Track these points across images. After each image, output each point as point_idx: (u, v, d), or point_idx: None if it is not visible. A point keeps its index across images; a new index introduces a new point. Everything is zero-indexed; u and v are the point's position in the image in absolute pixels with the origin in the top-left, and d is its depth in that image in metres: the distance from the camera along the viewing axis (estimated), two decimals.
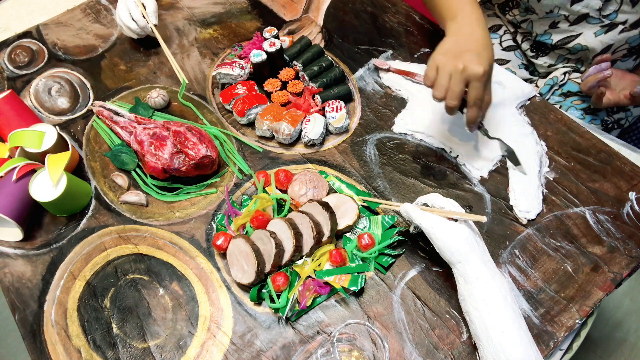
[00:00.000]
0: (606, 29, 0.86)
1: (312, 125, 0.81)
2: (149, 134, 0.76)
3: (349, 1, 1.04)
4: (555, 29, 0.91)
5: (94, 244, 0.73)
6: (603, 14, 0.82)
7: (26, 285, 0.70)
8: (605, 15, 0.83)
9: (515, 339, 0.55)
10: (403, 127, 0.84)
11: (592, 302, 0.66)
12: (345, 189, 0.76)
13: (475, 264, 0.59)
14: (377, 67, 0.92)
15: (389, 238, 0.70)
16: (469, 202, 0.76)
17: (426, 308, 0.66)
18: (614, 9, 0.81)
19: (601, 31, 0.86)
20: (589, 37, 0.88)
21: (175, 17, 1.03)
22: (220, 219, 0.74)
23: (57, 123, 0.87)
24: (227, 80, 0.88)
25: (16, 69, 0.95)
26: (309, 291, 0.66)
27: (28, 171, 0.73)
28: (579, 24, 0.87)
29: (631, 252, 0.70)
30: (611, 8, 0.82)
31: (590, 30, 0.87)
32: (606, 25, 0.85)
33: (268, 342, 0.64)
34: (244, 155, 0.82)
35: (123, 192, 0.78)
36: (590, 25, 0.86)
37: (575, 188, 0.77)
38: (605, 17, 0.83)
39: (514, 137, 0.82)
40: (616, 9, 0.81)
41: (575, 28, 0.88)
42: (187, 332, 0.65)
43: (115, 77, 0.93)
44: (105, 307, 0.68)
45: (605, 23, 0.84)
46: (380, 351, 0.62)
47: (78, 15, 1.04)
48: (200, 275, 0.70)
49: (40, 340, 0.65)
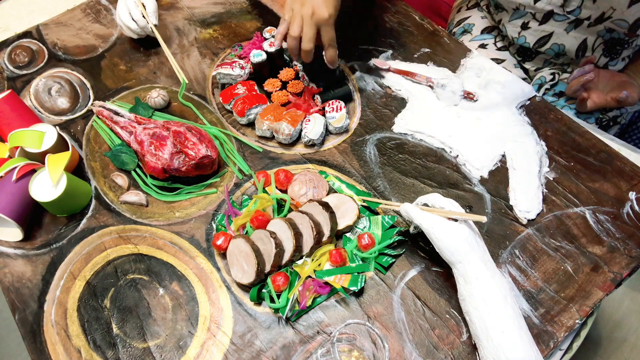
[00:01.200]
0: (574, 25, 0.87)
1: (312, 125, 0.81)
2: (149, 134, 0.76)
3: (349, 1, 1.04)
4: (526, 30, 0.92)
5: (94, 244, 0.73)
6: (567, 10, 0.84)
7: (26, 285, 0.70)
8: (569, 11, 0.84)
9: (515, 339, 0.55)
10: (403, 127, 0.84)
11: (592, 302, 0.66)
12: (345, 189, 0.76)
13: (475, 264, 0.59)
14: (377, 67, 0.92)
15: (389, 238, 0.70)
16: (469, 202, 0.76)
17: (426, 308, 0.66)
18: (577, 5, 0.82)
19: (570, 27, 0.87)
20: (561, 35, 0.89)
21: (175, 17, 1.03)
22: (220, 219, 0.74)
23: (57, 123, 0.87)
24: (227, 80, 0.88)
25: (16, 69, 0.95)
26: (309, 291, 0.66)
27: (28, 171, 0.73)
28: (547, 22, 0.89)
29: (631, 252, 0.70)
30: (574, 4, 0.83)
31: (560, 27, 0.88)
32: (573, 22, 0.86)
33: (268, 342, 0.64)
34: (244, 155, 0.82)
35: (123, 192, 0.78)
36: (558, 23, 0.87)
37: (575, 188, 0.77)
38: (569, 13, 0.84)
39: (514, 137, 0.82)
40: (579, 4, 0.82)
41: (545, 27, 0.90)
42: (187, 332, 0.65)
43: (115, 77, 0.93)
44: (105, 307, 0.68)
45: (572, 19, 0.86)
46: (380, 351, 0.62)
47: (78, 15, 1.04)
48: (200, 275, 0.70)
49: (40, 340, 0.65)
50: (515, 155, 0.80)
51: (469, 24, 1.12)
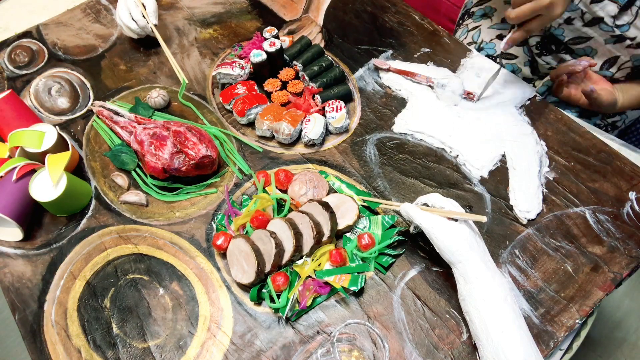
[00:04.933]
0: (615, 40, 0.85)
1: (312, 125, 0.81)
2: (149, 134, 0.76)
3: (349, 1, 1.04)
4: (569, 25, 0.90)
5: (94, 244, 0.73)
6: (617, 23, 0.82)
7: (26, 285, 0.70)
8: (618, 25, 0.82)
9: (515, 339, 0.55)
10: (403, 127, 0.84)
11: (592, 302, 0.66)
12: (345, 189, 0.76)
13: (475, 263, 0.59)
14: (377, 67, 0.92)
15: (389, 238, 0.70)
16: (469, 202, 0.76)
17: (426, 308, 0.66)
18: (628, 21, 0.81)
19: (611, 40, 0.86)
20: (598, 44, 0.88)
21: (175, 17, 1.03)
22: (220, 219, 0.74)
23: (57, 123, 0.87)
24: (227, 80, 0.88)
25: (16, 69, 0.95)
26: (309, 291, 0.66)
27: (28, 171, 0.73)
28: (592, 27, 0.87)
29: (631, 252, 0.70)
30: (625, 19, 0.81)
31: (601, 37, 0.87)
32: (616, 36, 0.85)
33: (268, 342, 0.64)
34: (244, 155, 0.82)
35: (123, 192, 0.78)
36: (602, 32, 0.86)
37: (575, 188, 0.77)
38: (617, 27, 0.83)
39: (514, 137, 0.82)
40: (630, 21, 0.81)
41: (587, 30, 0.88)
42: (187, 332, 0.65)
43: (115, 77, 0.93)
44: (105, 307, 0.68)
45: (617, 34, 0.84)
46: (380, 351, 0.62)
47: (78, 15, 1.04)
48: (200, 275, 0.70)
49: (40, 340, 0.65)
50: (515, 155, 0.80)
51: (490, 8, 1.08)
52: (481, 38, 1.05)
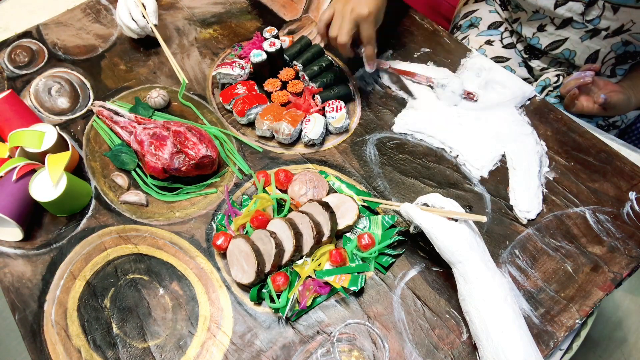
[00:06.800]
0: (590, 34, 0.86)
1: (312, 125, 0.81)
2: (149, 134, 0.76)
3: None
4: (542, 32, 0.92)
5: (94, 244, 0.73)
6: (586, 19, 0.84)
7: (26, 285, 0.70)
8: (588, 20, 0.84)
9: (515, 339, 0.55)
10: (403, 127, 0.84)
11: (592, 302, 0.66)
12: (345, 189, 0.76)
13: (475, 264, 0.59)
14: (377, 67, 0.92)
15: (389, 238, 0.70)
16: (469, 202, 0.76)
17: (426, 308, 0.66)
18: (597, 14, 0.82)
19: (586, 36, 0.87)
20: (575, 42, 0.89)
21: (175, 17, 1.03)
22: (220, 219, 0.74)
23: (57, 123, 0.87)
24: (227, 80, 0.88)
25: (16, 69, 0.95)
26: (309, 291, 0.66)
27: (28, 171, 0.73)
28: (564, 28, 0.88)
29: (631, 252, 0.70)
30: (594, 13, 0.82)
31: (576, 35, 0.88)
32: (590, 31, 0.86)
33: (268, 342, 0.64)
34: (244, 155, 0.82)
35: (123, 192, 0.78)
36: (576, 30, 0.87)
37: (575, 188, 0.77)
38: (588, 22, 0.84)
39: (514, 137, 0.82)
40: (599, 14, 0.82)
41: (561, 32, 0.89)
42: (187, 332, 0.65)
43: (115, 77, 0.93)
44: (105, 307, 0.68)
45: (589, 28, 0.85)
46: (380, 351, 0.62)
47: (78, 15, 1.04)
48: (200, 275, 0.70)
49: (40, 340, 0.65)
50: (515, 155, 0.80)
51: (476, 18, 1.11)
52: (471, 46, 1.07)
